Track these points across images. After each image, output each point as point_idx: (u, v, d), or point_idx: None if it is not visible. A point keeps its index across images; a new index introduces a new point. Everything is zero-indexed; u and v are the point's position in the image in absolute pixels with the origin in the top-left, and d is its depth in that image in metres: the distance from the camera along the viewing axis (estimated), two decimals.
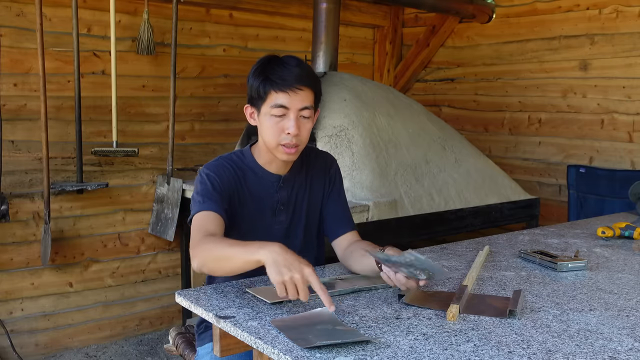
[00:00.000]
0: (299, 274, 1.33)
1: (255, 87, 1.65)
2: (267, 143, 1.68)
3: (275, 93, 1.62)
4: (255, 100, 1.68)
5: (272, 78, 1.62)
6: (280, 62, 1.65)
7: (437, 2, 3.98)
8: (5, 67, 3.07)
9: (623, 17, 3.53)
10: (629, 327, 1.36)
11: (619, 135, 3.59)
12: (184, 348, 2.04)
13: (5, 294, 3.19)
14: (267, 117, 1.65)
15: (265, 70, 1.64)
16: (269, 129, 1.65)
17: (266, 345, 1.23)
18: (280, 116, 1.63)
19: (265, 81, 1.63)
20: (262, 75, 1.64)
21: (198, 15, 3.71)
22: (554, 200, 3.89)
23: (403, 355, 1.19)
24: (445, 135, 3.55)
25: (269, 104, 1.64)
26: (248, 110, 1.73)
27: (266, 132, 1.67)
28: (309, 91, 1.66)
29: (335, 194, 1.88)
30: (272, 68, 1.64)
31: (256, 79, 1.65)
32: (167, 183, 3.51)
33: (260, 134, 1.71)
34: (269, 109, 1.64)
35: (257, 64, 1.68)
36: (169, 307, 3.76)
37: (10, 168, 3.12)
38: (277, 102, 1.62)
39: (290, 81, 1.61)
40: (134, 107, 3.52)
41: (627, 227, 2.28)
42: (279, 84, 1.61)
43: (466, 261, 1.91)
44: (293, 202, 1.80)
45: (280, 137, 1.64)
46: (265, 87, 1.63)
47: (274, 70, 1.63)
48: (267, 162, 1.75)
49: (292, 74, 1.62)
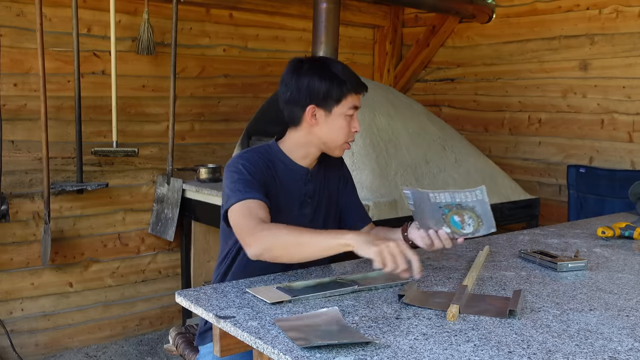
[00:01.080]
0: (394, 246, 1.46)
1: (330, 89, 1.73)
2: (334, 141, 1.78)
3: (353, 96, 1.76)
4: (327, 101, 1.74)
5: (350, 82, 1.74)
6: (339, 64, 1.78)
7: (437, 2, 3.98)
8: (5, 67, 3.07)
9: (623, 17, 3.53)
10: (629, 327, 1.36)
11: (619, 135, 3.59)
12: (184, 348, 2.04)
13: (5, 294, 3.19)
14: (341, 118, 1.76)
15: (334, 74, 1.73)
16: (342, 128, 1.76)
17: (266, 345, 1.23)
18: (351, 116, 1.77)
19: (343, 84, 1.73)
20: (334, 78, 1.73)
21: (198, 15, 3.71)
22: (554, 200, 3.89)
23: (403, 355, 1.19)
24: (445, 135, 3.54)
25: (346, 105, 1.75)
26: (311, 111, 1.75)
27: (337, 131, 1.76)
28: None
29: (350, 186, 2.00)
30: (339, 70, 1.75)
31: (326, 81, 1.72)
32: (167, 183, 3.51)
33: (320, 131, 1.77)
34: (345, 109, 1.75)
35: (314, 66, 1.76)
36: (169, 307, 3.76)
37: (10, 168, 3.12)
38: (354, 104, 1.76)
39: (362, 85, 1.78)
40: (134, 107, 3.52)
41: (627, 227, 2.28)
42: (358, 88, 1.76)
43: (466, 261, 1.91)
44: (317, 196, 1.87)
45: (349, 135, 1.79)
46: (344, 90, 1.73)
47: (344, 74, 1.75)
48: (300, 157, 1.82)
49: (357, 78, 1.78)
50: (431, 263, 1.90)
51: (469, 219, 1.56)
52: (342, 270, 1.79)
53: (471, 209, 1.55)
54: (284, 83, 1.78)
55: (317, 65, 1.77)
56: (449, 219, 1.58)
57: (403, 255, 1.47)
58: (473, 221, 1.56)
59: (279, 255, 1.57)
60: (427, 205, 1.62)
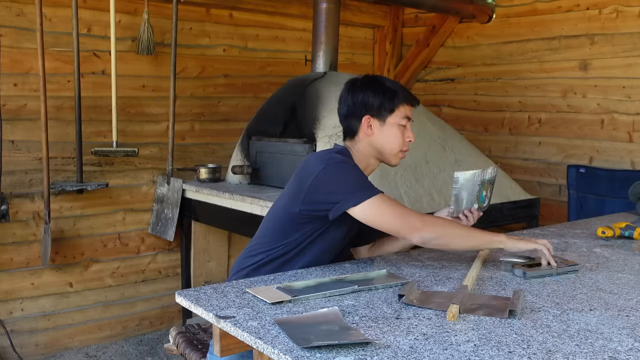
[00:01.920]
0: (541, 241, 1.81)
1: (383, 101, 1.86)
2: (391, 149, 1.90)
3: (405, 106, 1.89)
4: (382, 112, 1.87)
5: (401, 94, 1.88)
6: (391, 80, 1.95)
7: (437, 2, 3.98)
8: (5, 67, 3.07)
9: (623, 17, 3.53)
10: (629, 327, 1.36)
11: (619, 135, 3.59)
12: (185, 347, 2.04)
13: (5, 294, 3.19)
14: (394, 127, 1.88)
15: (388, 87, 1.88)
16: (396, 137, 1.89)
17: (266, 345, 1.23)
18: (404, 126, 1.89)
19: (395, 95, 1.87)
20: (387, 90, 1.87)
21: (198, 15, 3.71)
22: (554, 200, 3.89)
23: (403, 355, 1.19)
24: (445, 135, 3.54)
25: (399, 115, 1.87)
26: (367, 121, 1.88)
27: (392, 140, 1.89)
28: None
29: None
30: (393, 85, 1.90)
31: (380, 93, 1.87)
32: (167, 183, 3.51)
33: (377, 140, 1.89)
34: (398, 119, 1.88)
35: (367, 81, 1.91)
36: (169, 307, 3.76)
37: (10, 168, 3.12)
38: (406, 114, 1.89)
39: (413, 97, 1.92)
40: (134, 107, 3.52)
41: (627, 227, 2.28)
42: (409, 99, 1.90)
43: (466, 261, 1.91)
44: None
45: (403, 144, 1.90)
46: (396, 101, 1.87)
47: (397, 87, 1.90)
48: (364, 167, 1.91)
49: (409, 92, 1.92)
50: (431, 263, 1.90)
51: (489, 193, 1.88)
52: (342, 270, 1.79)
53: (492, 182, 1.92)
54: (341, 100, 1.94)
55: (369, 80, 1.91)
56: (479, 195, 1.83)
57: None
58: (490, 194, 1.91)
59: (449, 242, 1.77)
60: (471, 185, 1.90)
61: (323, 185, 1.76)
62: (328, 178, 1.76)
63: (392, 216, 1.74)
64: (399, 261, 1.91)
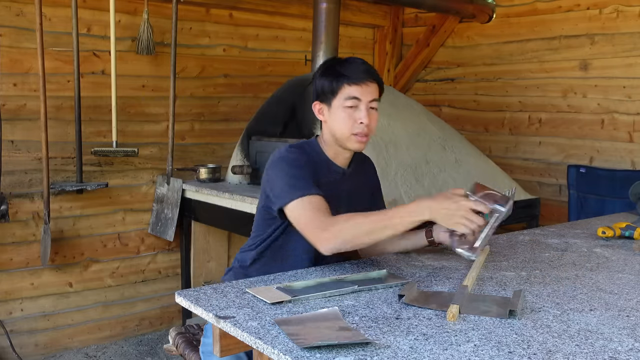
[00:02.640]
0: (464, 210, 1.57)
1: (328, 84, 1.80)
2: (340, 133, 1.80)
3: (348, 86, 1.77)
4: (326, 96, 1.81)
5: (344, 73, 1.78)
6: (347, 61, 1.82)
7: (437, 2, 3.97)
8: (5, 67, 3.07)
9: (623, 17, 3.53)
10: (630, 327, 1.36)
11: (619, 135, 3.59)
12: (184, 348, 2.04)
13: (5, 294, 3.19)
14: (340, 110, 1.79)
15: (335, 68, 1.80)
16: (343, 119, 1.78)
17: (266, 345, 1.23)
18: (353, 107, 1.78)
19: (337, 76, 1.78)
20: (333, 72, 1.79)
21: (198, 15, 3.71)
22: (554, 200, 3.89)
23: (403, 355, 1.19)
24: (445, 135, 3.54)
25: (342, 97, 1.78)
26: (317, 107, 1.85)
27: (339, 123, 1.79)
28: (376, 85, 1.82)
29: (379, 194, 2.07)
30: (341, 65, 1.80)
31: (326, 77, 1.80)
32: (167, 183, 3.51)
33: (329, 126, 1.83)
34: (342, 101, 1.78)
35: (323, 66, 1.86)
36: (169, 307, 3.75)
37: (10, 168, 3.12)
38: (350, 94, 1.77)
39: (360, 75, 1.78)
40: (133, 107, 3.51)
41: (627, 227, 2.27)
42: (352, 78, 1.77)
43: (466, 261, 1.91)
44: (350, 196, 1.90)
45: (353, 127, 1.78)
46: (338, 82, 1.78)
47: (344, 67, 1.79)
48: (334, 155, 1.86)
49: (360, 69, 1.79)
50: (431, 263, 1.90)
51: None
52: (342, 270, 1.79)
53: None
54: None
55: (322, 65, 1.86)
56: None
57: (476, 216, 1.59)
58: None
59: (364, 241, 1.65)
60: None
61: (265, 181, 1.81)
62: (269, 174, 1.79)
63: (305, 224, 1.67)
64: (399, 261, 1.91)
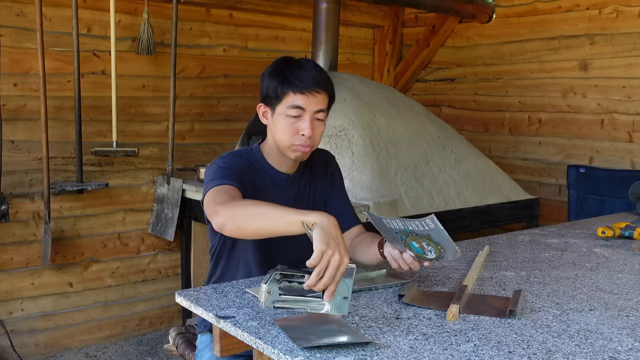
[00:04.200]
0: (339, 255, 1.27)
1: (273, 87, 1.67)
2: (280, 142, 1.69)
3: (293, 94, 1.64)
4: (271, 100, 1.69)
5: (291, 79, 1.64)
6: (298, 64, 1.68)
7: (437, 2, 3.98)
8: (5, 67, 3.07)
9: (623, 17, 3.53)
10: (629, 327, 1.36)
11: (619, 135, 3.59)
12: (184, 348, 2.04)
13: (5, 294, 3.19)
14: (282, 117, 1.66)
15: (283, 72, 1.66)
16: (284, 128, 1.66)
17: (266, 345, 1.23)
18: (296, 117, 1.65)
19: (283, 82, 1.65)
20: (280, 76, 1.66)
21: (198, 15, 3.71)
22: (554, 200, 3.89)
23: (403, 355, 1.19)
24: (445, 135, 3.54)
25: (285, 104, 1.65)
26: (261, 109, 1.74)
27: (280, 132, 1.68)
28: (325, 94, 1.68)
29: (337, 190, 1.89)
30: (291, 70, 1.66)
31: (273, 79, 1.67)
32: (167, 183, 3.51)
33: (272, 132, 1.72)
34: (285, 109, 1.65)
35: (273, 64, 1.71)
36: (169, 307, 3.76)
37: (10, 168, 3.12)
38: (294, 103, 1.64)
39: (308, 84, 1.64)
40: (134, 107, 3.52)
41: (627, 227, 2.28)
42: (298, 86, 1.63)
43: (466, 261, 1.91)
44: (299, 200, 1.80)
45: (295, 137, 1.66)
46: (283, 88, 1.65)
47: (293, 72, 1.65)
48: (276, 161, 1.76)
49: (309, 76, 1.65)
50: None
51: (427, 246, 1.50)
52: None
53: (426, 237, 1.47)
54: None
55: (277, 63, 1.71)
56: (408, 244, 1.52)
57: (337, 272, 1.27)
58: (432, 248, 1.49)
59: (241, 225, 1.44)
60: (385, 229, 1.56)
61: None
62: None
63: (206, 203, 1.55)
64: None
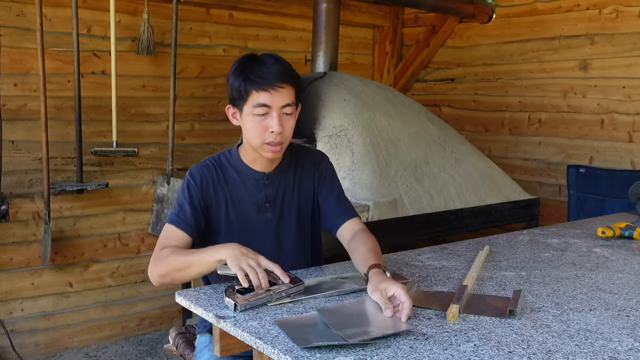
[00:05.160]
0: (253, 260, 1.48)
1: (236, 87, 1.65)
2: (252, 142, 1.68)
3: (256, 92, 1.62)
4: (237, 101, 1.67)
5: (251, 77, 1.61)
6: (259, 60, 1.65)
7: (437, 2, 3.98)
8: (5, 67, 3.07)
9: (623, 17, 3.53)
10: (629, 327, 1.36)
11: (619, 135, 3.59)
12: (184, 348, 2.04)
13: (5, 294, 3.19)
14: (249, 117, 1.65)
15: (245, 70, 1.63)
16: (252, 128, 1.65)
17: (266, 345, 1.23)
18: (263, 115, 1.63)
19: (245, 81, 1.62)
20: (242, 75, 1.63)
21: (198, 15, 3.71)
22: (554, 200, 3.89)
23: (403, 355, 1.19)
24: (445, 135, 3.54)
25: (250, 103, 1.63)
26: (230, 111, 1.72)
27: (250, 132, 1.66)
28: (290, 88, 1.65)
29: (327, 187, 1.86)
30: (251, 67, 1.63)
31: (236, 79, 1.65)
32: (167, 183, 3.51)
33: (243, 133, 1.71)
34: (251, 108, 1.63)
35: (235, 64, 1.68)
36: (169, 307, 3.76)
37: (10, 168, 3.12)
38: (258, 101, 1.62)
39: (270, 79, 1.61)
40: (134, 107, 3.52)
41: (627, 227, 2.28)
42: (260, 83, 1.61)
43: (466, 261, 1.91)
44: (280, 200, 1.79)
45: (264, 135, 1.64)
46: (246, 87, 1.62)
47: (253, 70, 1.62)
48: (252, 161, 1.75)
49: (271, 72, 1.62)
50: (431, 263, 1.90)
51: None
52: (342, 270, 1.79)
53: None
54: None
55: (239, 62, 1.68)
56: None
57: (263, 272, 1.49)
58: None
59: (177, 277, 1.62)
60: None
61: None
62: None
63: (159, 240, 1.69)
64: (399, 261, 1.91)
